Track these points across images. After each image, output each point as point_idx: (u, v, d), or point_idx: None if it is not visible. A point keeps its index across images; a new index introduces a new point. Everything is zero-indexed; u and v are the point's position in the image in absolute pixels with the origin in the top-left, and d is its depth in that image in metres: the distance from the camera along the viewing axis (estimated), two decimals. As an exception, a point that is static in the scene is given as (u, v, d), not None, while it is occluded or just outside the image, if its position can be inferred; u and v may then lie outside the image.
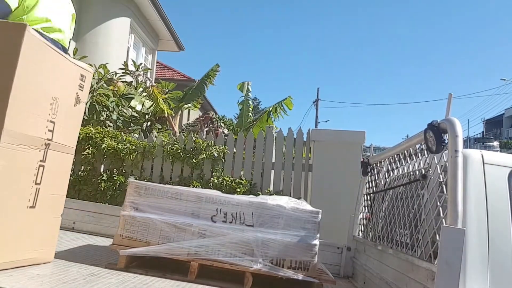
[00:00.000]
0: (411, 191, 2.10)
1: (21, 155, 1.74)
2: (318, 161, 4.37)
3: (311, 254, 2.12)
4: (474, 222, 1.70)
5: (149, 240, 2.14)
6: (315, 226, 2.16)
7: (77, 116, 2.13)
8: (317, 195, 4.20)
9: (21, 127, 1.72)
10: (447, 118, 1.65)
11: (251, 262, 2.08)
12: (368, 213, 2.97)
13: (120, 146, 4.46)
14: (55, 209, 2.03)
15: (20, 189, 1.77)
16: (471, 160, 1.80)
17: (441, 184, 1.71)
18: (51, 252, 2.04)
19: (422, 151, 2.09)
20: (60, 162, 2.01)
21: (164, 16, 11.62)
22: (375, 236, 2.62)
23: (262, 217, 2.16)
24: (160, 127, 6.82)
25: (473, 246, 1.67)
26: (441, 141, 1.65)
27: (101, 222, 3.40)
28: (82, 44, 9.48)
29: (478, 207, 1.73)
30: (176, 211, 2.20)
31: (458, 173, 1.49)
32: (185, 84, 10.93)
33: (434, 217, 1.70)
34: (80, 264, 2.07)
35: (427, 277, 1.57)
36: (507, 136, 41.21)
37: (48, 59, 1.85)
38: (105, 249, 2.59)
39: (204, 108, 14.99)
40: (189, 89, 7.31)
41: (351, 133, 4.31)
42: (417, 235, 1.88)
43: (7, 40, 1.69)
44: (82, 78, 2.09)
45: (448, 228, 1.43)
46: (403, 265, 1.88)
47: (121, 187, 4.33)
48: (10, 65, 1.66)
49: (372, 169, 2.98)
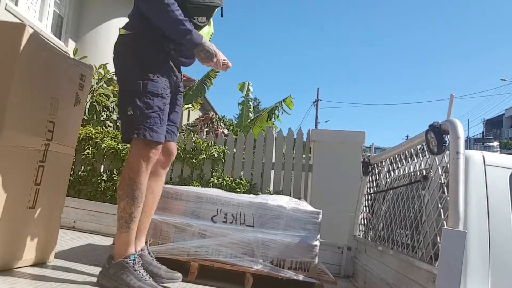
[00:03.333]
0: (412, 191, 2.10)
1: (20, 155, 1.74)
2: (318, 161, 4.37)
3: (311, 254, 2.11)
4: (475, 224, 1.69)
5: (149, 241, 2.14)
6: (315, 226, 2.16)
7: (77, 116, 2.13)
8: (317, 195, 4.20)
9: (20, 127, 1.72)
10: (448, 119, 1.65)
11: (251, 263, 2.08)
12: (368, 213, 2.97)
13: (120, 146, 4.45)
14: (55, 209, 2.03)
15: (20, 190, 1.77)
16: (472, 162, 1.79)
17: (442, 185, 1.71)
18: (51, 252, 2.04)
19: (423, 152, 2.09)
20: (60, 162, 2.01)
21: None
22: (375, 236, 2.61)
23: (263, 217, 2.16)
24: (160, 127, 6.80)
25: (474, 248, 1.66)
26: (442, 142, 1.64)
27: (101, 221, 3.40)
28: (82, 44, 9.48)
29: (479, 208, 1.72)
30: (176, 211, 2.20)
31: (459, 175, 1.49)
32: (185, 84, 10.90)
33: (435, 218, 1.69)
34: (80, 264, 2.07)
35: (428, 279, 1.57)
36: (507, 136, 41.21)
37: (48, 58, 1.85)
38: (105, 249, 2.59)
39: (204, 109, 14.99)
40: (189, 89, 7.31)
41: (351, 133, 4.30)
42: (417, 236, 1.87)
43: (7, 40, 1.69)
44: (82, 77, 2.09)
45: (449, 230, 1.43)
46: (403, 266, 1.88)
47: (121, 187, 4.32)
48: (9, 64, 1.66)
49: (373, 169, 2.98)
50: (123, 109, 1.75)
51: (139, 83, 1.71)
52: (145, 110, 1.70)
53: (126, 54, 1.79)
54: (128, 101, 1.72)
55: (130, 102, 1.71)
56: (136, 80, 1.72)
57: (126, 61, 1.79)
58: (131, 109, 1.70)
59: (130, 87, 1.73)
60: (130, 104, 1.71)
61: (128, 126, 1.73)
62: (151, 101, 1.71)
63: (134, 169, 1.70)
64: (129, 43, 1.79)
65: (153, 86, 1.72)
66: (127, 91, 1.75)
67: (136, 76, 1.73)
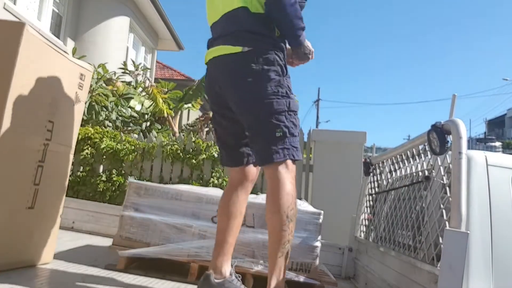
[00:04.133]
0: (413, 192, 2.09)
1: (19, 155, 1.73)
2: (319, 161, 4.35)
3: (312, 256, 2.10)
4: (478, 225, 1.68)
5: (149, 241, 2.13)
6: (316, 227, 2.15)
7: (77, 115, 2.11)
8: (318, 196, 4.18)
9: (19, 127, 1.70)
10: (451, 119, 1.63)
11: (252, 264, 2.07)
12: (369, 214, 2.96)
13: (120, 147, 4.43)
14: (54, 209, 2.01)
15: (19, 190, 1.75)
16: (474, 162, 1.78)
17: (444, 186, 1.70)
18: (50, 253, 2.02)
19: (425, 152, 2.08)
20: (59, 162, 1.99)
21: (163, 15, 11.60)
22: (377, 237, 2.60)
23: (263, 218, 2.14)
24: (159, 127, 6.80)
25: (477, 249, 1.65)
26: (444, 142, 1.63)
27: (100, 221, 3.38)
28: (81, 43, 9.46)
29: (481, 209, 1.71)
30: (176, 212, 2.19)
31: (462, 176, 1.48)
32: (185, 84, 10.91)
33: (437, 219, 1.68)
34: (79, 265, 2.06)
35: (430, 280, 1.56)
36: (509, 136, 41.17)
37: (47, 58, 1.84)
38: (104, 250, 2.57)
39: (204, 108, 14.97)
40: (189, 89, 7.28)
41: (352, 133, 4.29)
42: (419, 237, 1.86)
43: (6, 39, 1.67)
44: (81, 77, 2.08)
45: (451, 231, 1.41)
46: (405, 267, 1.87)
47: (120, 188, 4.31)
48: (8, 64, 1.64)
49: (374, 169, 2.96)
50: (268, 131, 1.58)
51: (284, 101, 1.59)
52: (292, 130, 1.59)
53: (257, 72, 1.58)
54: (277, 122, 1.58)
55: (279, 123, 1.58)
56: (282, 98, 1.58)
57: (259, 80, 1.58)
58: (281, 130, 1.57)
59: (277, 107, 1.58)
60: (279, 125, 1.57)
61: (274, 147, 1.57)
62: (295, 120, 1.62)
63: (293, 189, 1.59)
64: (255, 60, 1.59)
65: (293, 103, 1.62)
66: (273, 112, 1.58)
67: (280, 94, 1.58)
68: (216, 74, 1.70)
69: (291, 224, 1.55)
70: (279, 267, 1.54)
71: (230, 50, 1.61)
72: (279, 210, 1.54)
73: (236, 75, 1.62)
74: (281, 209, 1.53)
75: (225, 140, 1.82)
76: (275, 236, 1.55)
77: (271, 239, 1.57)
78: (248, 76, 1.59)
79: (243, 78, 1.59)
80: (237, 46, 1.60)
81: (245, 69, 1.59)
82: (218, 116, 1.80)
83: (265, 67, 1.59)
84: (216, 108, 1.80)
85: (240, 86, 1.61)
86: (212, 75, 1.73)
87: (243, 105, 1.63)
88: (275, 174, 1.57)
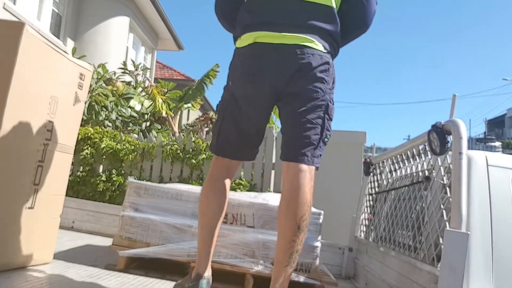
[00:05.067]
0: (414, 192, 2.09)
1: (19, 155, 1.72)
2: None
3: (312, 256, 2.10)
4: (478, 225, 1.68)
5: (149, 241, 2.13)
6: (316, 227, 2.15)
7: (76, 115, 2.11)
8: (318, 196, 4.17)
9: (19, 127, 1.70)
10: (451, 119, 1.63)
11: (252, 264, 2.07)
12: (369, 213, 2.96)
13: (119, 146, 4.43)
14: (54, 209, 2.01)
15: (19, 190, 1.75)
16: (475, 162, 1.78)
17: (445, 186, 1.70)
18: (50, 253, 2.02)
19: (425, 152, 2.07)
20: (59, 162, 1.99)
21: (163, 15, 11.60)
22: (377, 237, 2.60)
23: (263, 218, 2.15)
24: (159, 127, 6.80)
25: (477, 249, 1.65)
26: (445, 142, 1.63)
27: (100, 221, 3.38)
28: (81, 43, 9.46)
29: (482, 210, 1.71)
30: (176, 212, 2.19)
31: (462, 176, 1.48)
32: (185, 84, 10.91)
33: (437, 219, 1.68)
34: (79, 265, 2.05)
35: (430, 281, 1.56)
36: (509, 136, 41.15)
37: (47, 57, 1.83)
38: (104, 249, 2.57)
39: (204, 108, 14.98)
40: (189, 89, 7.29)
41: (352, 133, 4.29)
42: (419, 237, 1.86)
43: (5, 39, 1.67)
44: (81, 77, 2.07)
45: (451, 231, 1.41)
46: (405, 268, 1.87)
47: (120, 188, 4.31)
48: (8, 63, 1.64)
49: (374, 169, 2.96)
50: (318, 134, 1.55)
51: (333, 107, 1.60)
52: (327, 140, 1.58)
53: (330, 75, 1.60)
54: (327, 131, 1.58)
55: (329, 132, 1.58)
56: (332, 104, 1.60)
57: (329, 82, 1.59)
58: (327, 137, 1.58)
59: (332, 114, 1.59)
60: (328, 133, 1.58)
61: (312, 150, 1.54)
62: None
63: (310, 198, 1.54)
64: (331, 63, 1.61)
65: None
66: (329, 119, 1.58)
67: (333, 101, 1.61)
68: (278, 61, 1.54)
69: (302, 235, 1.50)
70: (283, 277, 1.50)
71: (314, 45, 1.54)
72: (294, 218, 1.48)
73: (315, 70, 1.54)
74: (296, 217, 1.48)
75: (243, 128, 1.67)
76: (284, 244, 1.50)
77: (279, 244, 1.53)
78: (325, 74, 1.56)
79: (322, 72, 1.55)
80: (319, 44, 1.56)
81: (323, 66, 1.56)
82: (246, 103, 1.63)
83: (333, 73, 1.62)
84: (253, 92, 1.60)
85: (316, 79, 1.54)
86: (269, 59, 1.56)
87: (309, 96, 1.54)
88: (297, 176, 1.52)
